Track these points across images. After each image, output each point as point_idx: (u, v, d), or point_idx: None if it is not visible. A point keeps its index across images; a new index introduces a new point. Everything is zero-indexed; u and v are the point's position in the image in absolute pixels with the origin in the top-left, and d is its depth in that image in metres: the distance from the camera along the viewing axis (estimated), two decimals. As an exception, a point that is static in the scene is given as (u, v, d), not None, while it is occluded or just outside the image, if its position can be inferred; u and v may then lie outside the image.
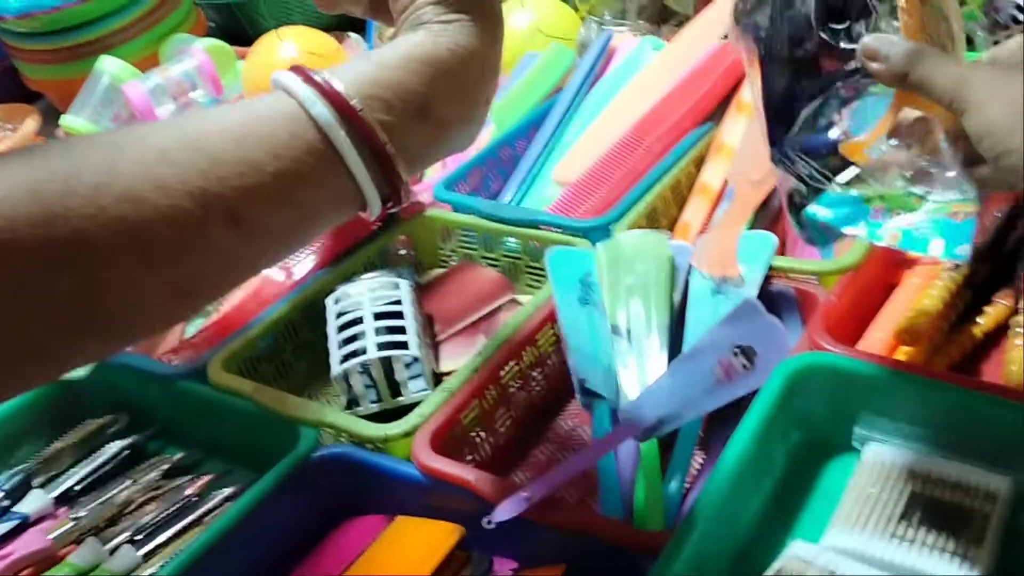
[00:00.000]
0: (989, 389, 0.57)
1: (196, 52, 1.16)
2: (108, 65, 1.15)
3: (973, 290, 0.67)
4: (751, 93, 0.52)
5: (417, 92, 0.42)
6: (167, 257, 0.36)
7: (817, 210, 0.50)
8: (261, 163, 0.38)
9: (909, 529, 0.53)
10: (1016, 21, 0.93)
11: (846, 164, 0.50)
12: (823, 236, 0.51)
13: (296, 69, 0.41)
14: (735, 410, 0.58)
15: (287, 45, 1.07)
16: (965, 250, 0.47)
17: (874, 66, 0.48)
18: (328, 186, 0.40)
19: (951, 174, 0.47)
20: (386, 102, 0.41)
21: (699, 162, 0.85)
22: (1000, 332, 0.65)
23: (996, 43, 0.91)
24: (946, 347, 0.64)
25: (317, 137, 0.39)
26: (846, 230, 0.50)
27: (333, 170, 0.40)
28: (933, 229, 0.47)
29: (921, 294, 0.65)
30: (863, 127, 0.49)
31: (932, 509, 0.53)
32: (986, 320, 0.65)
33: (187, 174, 0.36)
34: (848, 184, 0.49)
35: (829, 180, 0.49)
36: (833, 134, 0.50)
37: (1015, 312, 0.64)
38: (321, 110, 0.39)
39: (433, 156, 0.46)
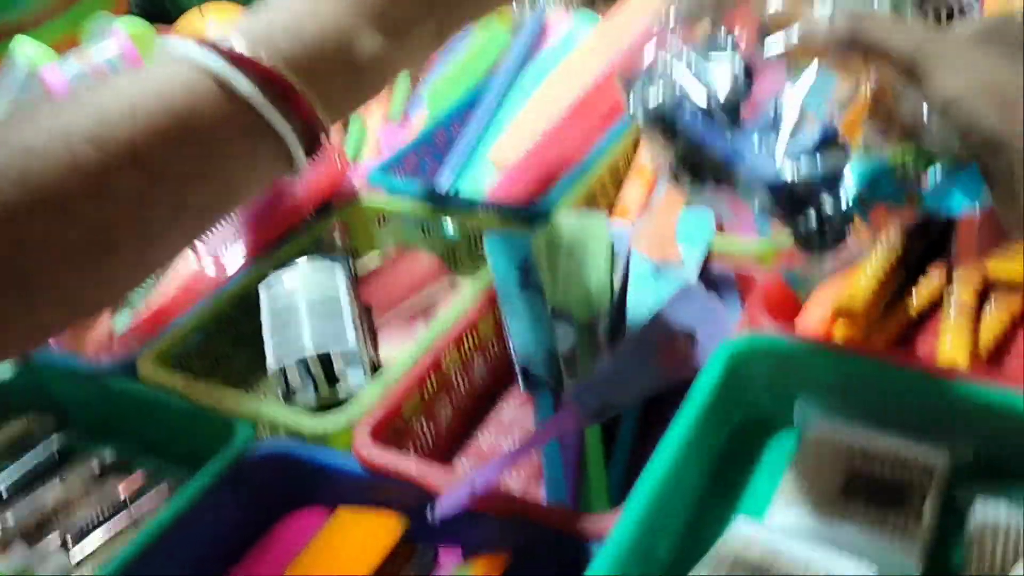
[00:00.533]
0: (924, 365, 0.58)
1: (117, 33, 1.11)
2: (24, 48, 1.11)
3: (908, 266, 0.68)
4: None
5: (289, 7, 0.43)
6: (78, 206, 0.36)
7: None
8: (153, 108, 0.38)
9: (849, 505, 0.53)
10: (943, -2, 0.94)
11: (844, 151, 0.47)
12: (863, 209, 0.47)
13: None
14: (677, 392, 0.58)
15: (211, 23, 1.04)
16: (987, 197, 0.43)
17: (816, 38, 0.46)
18: (229, 121, 0.40)
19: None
20: (260, 33, 0.41)
21: (636, 142, 0.85)
22: (936, 307, 0.66)
23: (925, 18, 0.93)
24: (883, 324, 0.65)
25: (201, 77, 0.40)
26: (884, 204, 0.47)
27: (230, 104, 0.40)
28: (947, 185, 0.45)
29: (857, 271, 0.65)
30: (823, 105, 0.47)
31: (871, 485, 0.54)
32: (920, 296, 0.66)
33: (82, 123, 0.37)
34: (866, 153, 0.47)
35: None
36: (815, 129, 0.46)
37: (948, 285, 0.65)
38: (195, 50, 0.40)
39: (338, 78, 0.44)
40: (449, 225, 0.80)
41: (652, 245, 0.68)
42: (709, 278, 0.68)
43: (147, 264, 0.41)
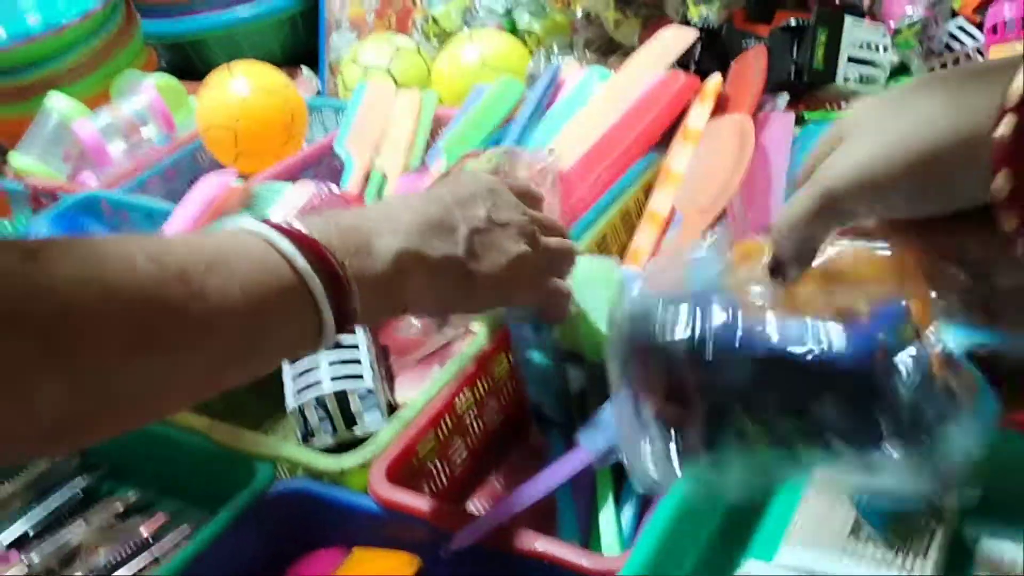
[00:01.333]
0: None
1: (147, 89, 1.15)
2: (57, 103, 1.15)
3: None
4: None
5: (353, 223, 0.50)
6: (129, 302, 0.40)
7: None
8: (208, 249, 0.44)
9: (858, 544, 0.54)
10: (949, 48, 0.96)
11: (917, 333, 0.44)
12: None
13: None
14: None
15: (238, 80, 1.07)
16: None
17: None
18: (268, 272, 0.45)
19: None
20: (309, 218, 0.48)
21: (647, 189, 0.87)
22: (942, 349, 0.67)
23: (931, 70, 0.94)
24: (890, 365, 0.65)
25: (252, 238, 0.46)
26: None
27: (272, 260, 0.46)
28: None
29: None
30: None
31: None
32: (927, 338, 0.67)
33: (139, 243, 0.42)
34: None
35: None
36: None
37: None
38: (250, 220, 0.47)
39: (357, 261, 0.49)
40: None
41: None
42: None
43: (170, 384, 0.43)
